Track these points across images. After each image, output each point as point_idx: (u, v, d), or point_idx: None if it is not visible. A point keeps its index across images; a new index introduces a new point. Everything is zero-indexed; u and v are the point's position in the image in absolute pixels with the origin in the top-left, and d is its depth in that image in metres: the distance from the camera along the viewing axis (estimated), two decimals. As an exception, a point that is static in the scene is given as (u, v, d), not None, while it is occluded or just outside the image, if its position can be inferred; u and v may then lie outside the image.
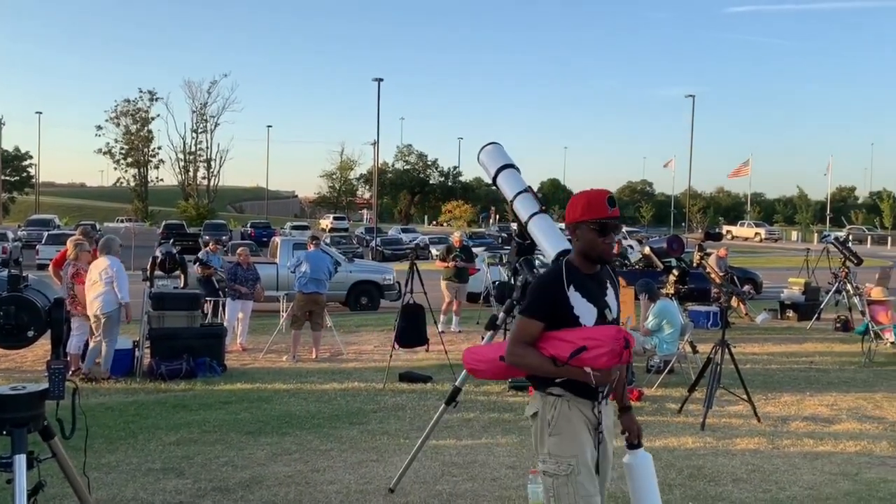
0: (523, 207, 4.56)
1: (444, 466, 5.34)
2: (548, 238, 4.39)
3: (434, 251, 25.99)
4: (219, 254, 12.57)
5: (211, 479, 5.06)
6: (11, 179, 71.28)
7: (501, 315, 4.78)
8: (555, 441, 2.80)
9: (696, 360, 8.37)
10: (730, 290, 13.61)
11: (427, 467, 5.28)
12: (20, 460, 3.03)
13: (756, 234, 60.36)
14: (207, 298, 11.30)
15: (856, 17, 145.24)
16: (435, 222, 77.73)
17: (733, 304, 13.88)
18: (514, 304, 4.68)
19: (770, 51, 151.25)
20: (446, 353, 9.16)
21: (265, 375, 8.77)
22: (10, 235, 33.07)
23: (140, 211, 73.29)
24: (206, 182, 77.39)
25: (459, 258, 12.63)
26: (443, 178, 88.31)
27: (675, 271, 8.85)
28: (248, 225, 51.93)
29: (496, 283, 13.96)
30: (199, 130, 76.42)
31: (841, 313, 13.14)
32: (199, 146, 77.25)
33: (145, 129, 75.52)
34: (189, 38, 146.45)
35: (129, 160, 75.99)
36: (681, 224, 61.44)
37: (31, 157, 72.94)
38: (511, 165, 4.84)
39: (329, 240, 33.02)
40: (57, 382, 3.18)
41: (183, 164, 76.60)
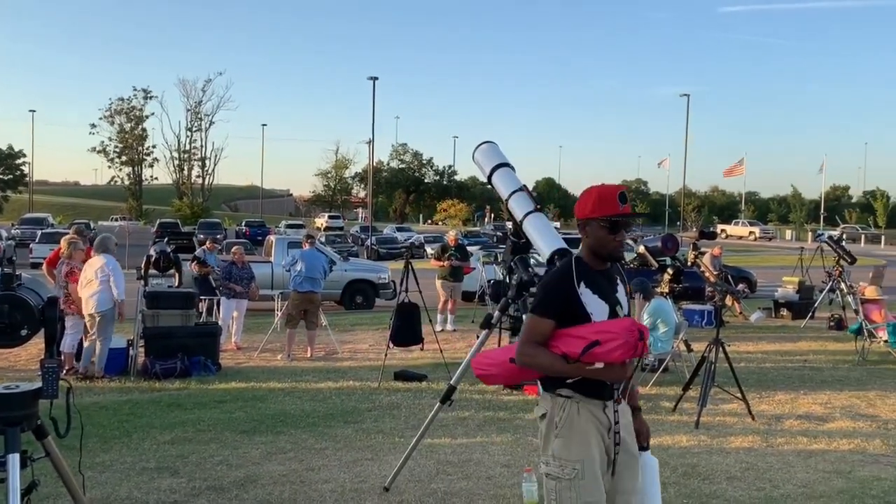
0: (518, 206, 4.57)
1: (438, 465, 5.34)
2: (542, 237, 4.40)
3: (429, 250, 26.01)
4: (215, 252, 12.55)
5: (205, 477, 5.06)
6: (5, 178, 70.91)
7: (496, 314, 4.78)
8: (560, 443, 2.71)
9: (691, 359, 8.39)
10: (724, 289, 13.67)
11: (422, 466, 5.28)
12: (13, 459, 3.03)
13: (750, 232, 60.53)
14: (203, 297, 11.28)
15: (851, 16, 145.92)
16: (430, 221, 77.71)
17: (727, 302, 13.91)
18: (509, 303, 4.68)
19: (764, 50, 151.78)
20: (441, 351, 9.16)
21: (260, 374, 8.76)
22: (4, 234, 32.99)
23: (134, 209, 73.11)
24: (200, 180, 77.21)
25: (455, 257, 12.63)
26: (438, 177, 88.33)
27: (670, 270, 8.86)
28: (243, 224, 51.90)
29: (491, 281, 13.97)
30: (194, 129, 76.27)
31: (835, 312, 13.19)
32: (193, 145, 77.14)
33: (139, 127, 75.32)
34: (183, 36, 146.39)
35: (124, 158, 75.76)
36: (675, 223, 61.53)
37: (24, 156, 72.56)
38: (506, 164, 4.84)
39: (324, 239, 33.01)
40: (51, 381, 3.17)
41: (177, 162, 76.46)
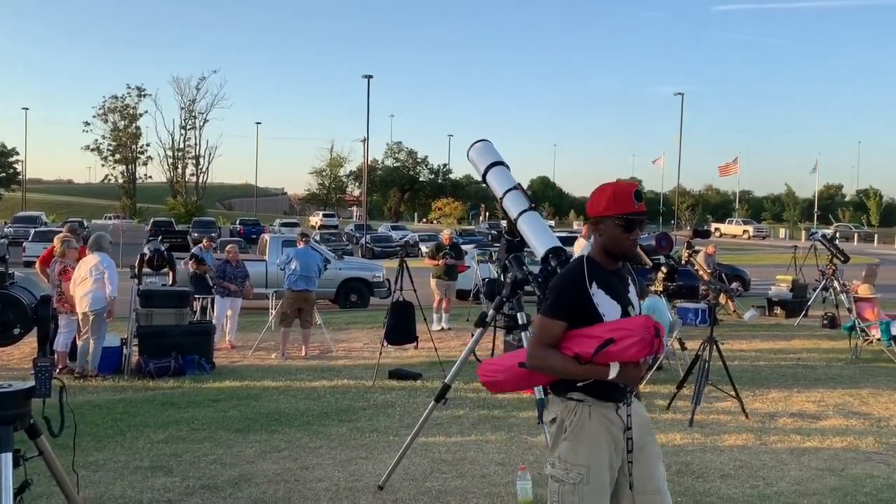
0: (513, 205, 4.57)
1: (433, 463, 5.34)
2: (537, 235, 4.40)
3: (424, 248, 26.01)
4: (210, 251, 12.52)
5: (199, 476, 5.05)
6: (-2, 176, 70.78)
7: (491, 312, 4.78)
8: (568, 446, 2.66)
9: (685, 357, 8.40)
10: (718, 288, 13.71)
11: (416, 464, 5.28)
12: (6, 459, 3.02)
13: (744, 231, 60.74)
14: (198, 296, 11.25)
15: (846, 16, 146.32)
16: (425, 220, 77.68)
17: (721, 301, 13.96)
18: (503, 301, 4.69)
19: (759, 49, 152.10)
20: (436, 350, 9.16)
21: (254, 373, 8.75)
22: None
23: (128, 208, 72.88)
24: (194, 179, 76.97)
25: (449, 255, 12.63)
26: (433, 176, 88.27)
27: (664, 268, 8.87)
28: (237, 222, 51.74)
29: (486, 280, 13.98)
30: (188, 127, 75.97)
31: (828, 310, 13.24)
32: (187, 143, 76.83)
33: (133, 125, 75.03)
34: (177, 34, 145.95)
35: (117, 157, 75.50)
36: (670, 221, 61.66)
37: (17, 154, 72.35)
38: (500, 163, 4.84)
39: (318, 237, 32.96)
40: (43, 380, 3.16)
41: (171, 160, 76.15)
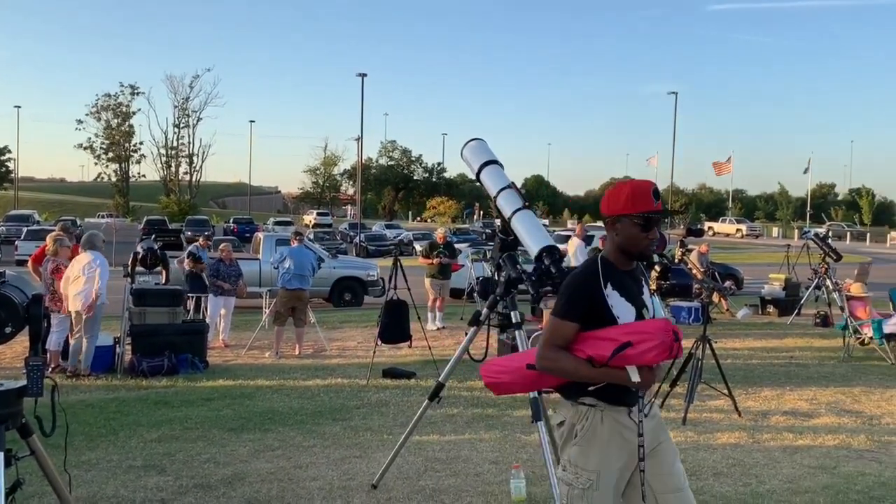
0: (506, 203, 4.58)
1: (427, 462, 5.34)
2: (531, 234, 4.41)
3: (418, 247, 26.02)
4: (207, 250, 12.51)
5: (193, 475, 5.04)
6: (-10, 174, 70.46)
7: (485, 311, 4.78)
8: (578, 451, 2.60)
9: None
10: (711, 286, 13.75)
11: (410, 463, 5.28)
12: (-2, 458, 3.01)
13: (737, 230, 60.89)
14: (192, 294, 11.22)
15: (838, 15, 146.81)
16: (419, 218, 77.66)
17: (714, 299, 13.99)
18: (497, 300, 4.69)
19: (752, 48, 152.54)
20: (430, 348, 9.16)
21: (248, 372, 8.74)
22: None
23: (121, 206, 72.66)
24: (188, 177, 76.79)
25: (443, 254, 12.63)
26: (427, 174, 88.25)
27: (657, 267, 8.89)
28: (231, 221, 51.65)
29: (480, 278, 13.98)
30: (181, 125, 75.81)
31: (820, 309, 13.29)
32: (180, 141, 76.68)
33: (126, 123, 74.78)
34: (170, 32, 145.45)
35: (110, 155, 75.22)
36: (663, 220, 61.78)
37: (9, 152, 72.04)
38: (494, 161, 4.85)
39: (312, 236, 32.93)
40: (35, 379, 3.15)
41: (165, 159, 75.97)
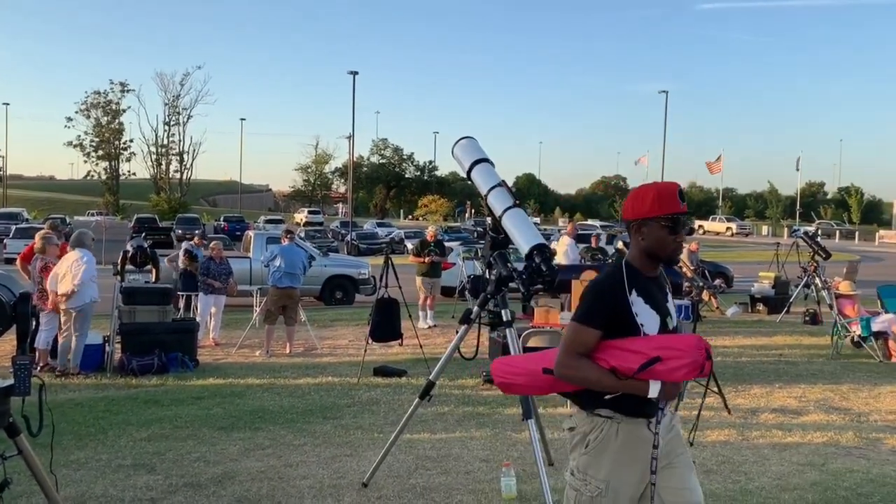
0: (497, 202, 4.59)
1: (417, 460, 5.34)
2: (521, 232, 4.42)
3: (409, 245, 26.01)
4: (201, 248, 12.45)
5: (182, 474, 5.02)
6: (-22, 172, 69.91)
7: (475, 309, 4.78)
8: (588, 460, 2.52)
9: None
10: (701, 284, 13.86)
11: (401, 461, 5.28)
12: (-15, 457, 2.99)
13: (727, 228, 61.17)
14: (186, 293, 11.18)
15: (828, 15, 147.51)
16: (411, 217, 77.64)
17: (704, 297, 14.06)
18: (488, 298, 4.69)
19: (743, 47, 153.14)
20: (421, 347, 9.16)
21: (238, 370, 8.71)
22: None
23: (111, 204, 72.30)
24: (178, 175, 76.48)
25: (434, 252, 12.63)
26: (418, 173, 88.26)
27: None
28: (222, 219, 51.48)
29: (471, 277, 13.98)
30: (172, 123, 75.47)
31: (810, 307, 13.36)
32: (171, 139, 76.37)
33: (116, 121, 74.45)
34: (162, 30, 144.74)
35: (100, 153, 74.86)
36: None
37: (-2, 150, 71.62)
38: (485, 160, 4.85)
39: (304, 234, 32.85)
40: (23, 378, 3.13)
41: (155, 157, 75.64)
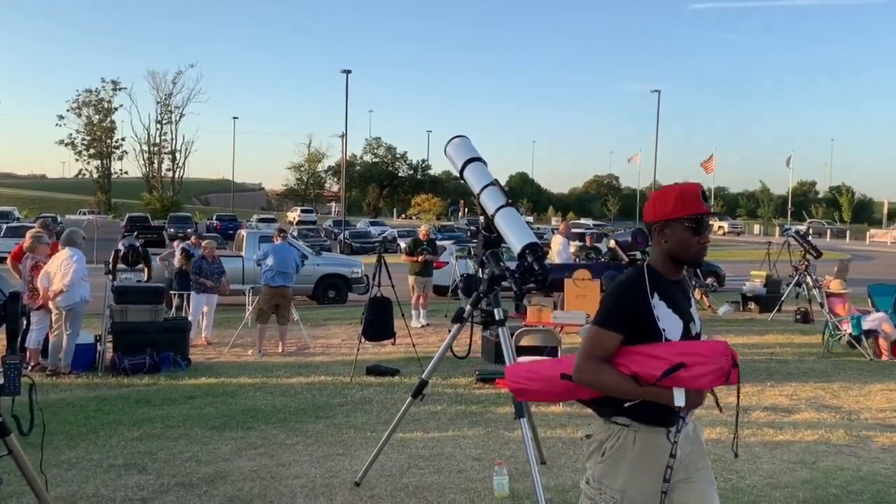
0: (490, 201, 4.59)
1: (410, 459, 5.34)
2: (514, 231, 4.42)
3: (402, 244, 25.98)
4: (198, 248, 12.41)
5: (174, 474, 5.01)
6: (-31, 171, 69.65)
7: (468, 308, 4.78)
8: (604, 469, 2.47)
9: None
10: (693, 283, 13.90)
11: (393, 460, 5.28)
12: (-25, 458, 2.98)
13: (719, 227, 61.33)
14: (182, 292, 11.13)
15: (820, 14, 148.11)
16: (404, 215, 77.61)
17: (696, 296, 14.08)
18: (480, 297, 4.69)
19: (733, 46, 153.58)
20: (414, 346, 9.16)
21: (230, 370, 8.69)
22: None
23: (103, 203, 71.90)
24: (170, 174, 76.14)
25: (427, 251, 12.62)
26: (412, 172, 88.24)
27: (639, 264, 8.94)
28: (214, 217, 51.34)
29: (464, 275, 13.95)
30: (164, 121, 75.12)
31: (801, 305, 13.41)
32: (163, 137, 76.01)
33: (108, 119, 74.03)
34: (154, 27, 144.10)
35: (92, 151, 74.43)
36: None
37: (-12, 148, 71.22)
38: (478, 159, 4.86)
39: (296, 233, 32.80)
40: (12, 378, 3.12)
41: (147, 155, 75.24)
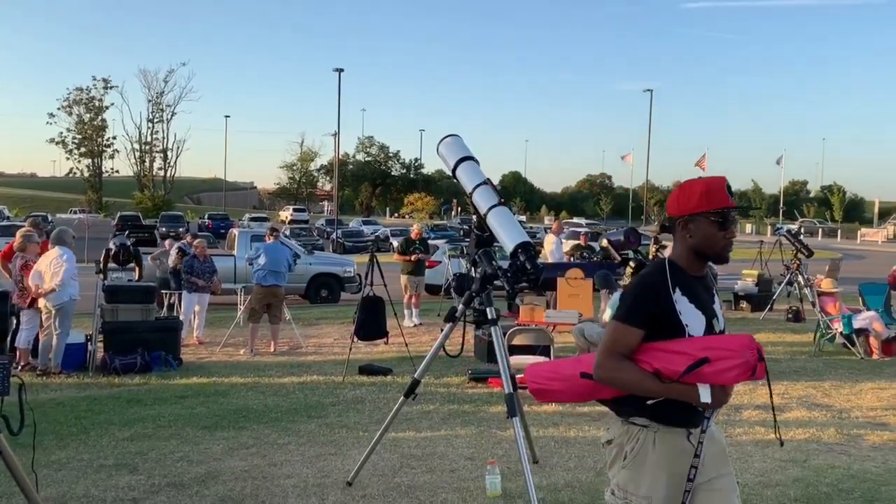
0: (482, 199, 4.59)
1: (402, 459, 5.33)
2: (506, 230, 4.42)
3: (395, 243, 25.96)
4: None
5: (165, 474, 4.98)
6: (-42, 169, 69.26)
7: (460, 307, 4.78)
8: (627, 476, 2.40)
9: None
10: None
11: (386, 460, 5.27)
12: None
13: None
14: (177, 291, 11.09)
15: (811, 14, 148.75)
16: (397, 214, 77.58)
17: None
18: (473, 296, 4.69)
19: (726, 46, 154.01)
20: (406, 345, 9.15)
21: (222, 369, 8.66)
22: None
23: (94, 202, 71.56)
24: (162, 173, 75.92)
25: (419, 250, 12.61)
26: (404, 170, 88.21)
27: (632, 263, 8.97)
28: (206, 217, 51.23)
29: (456, 275, 13.96)
30: (155, 120, 74.89)
31: (792, 304, 13.46)
32: (155, 136, 75.75)
33: (99, 118, 73.68)
34: (145, 26, 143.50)
35: (83, 150, 74.08)
36: (639, 217, 62.25)
37: (-22, 147, 70.78)
38: (470, 157, 4.85)
39: (289, 232, 32.74)
40: (2, 378, 3.10)
41: (138, 154, 74.99)
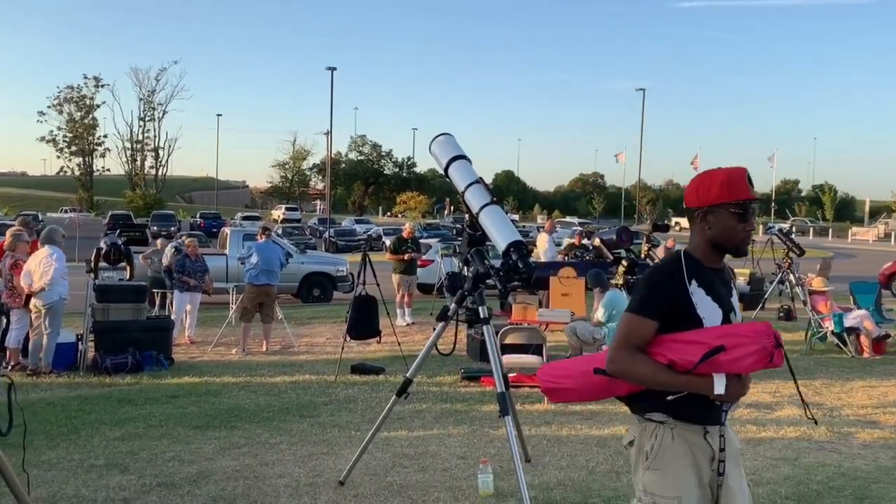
0: (474, 198, 4.59)
1: (395, 458, 5.33)
2: (498, 229, 4.42)
3: (387, 242, 25.95)
4: None
5: (156, 474, 4.96)
6: (-52, 168, 68.84)
7: (453, 306, 4.77)
8: (653, 478, 2.35)
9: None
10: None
11: (378, 459, 5.26)
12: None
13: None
14: (166, 290, 11.05)
15: (805, 13, 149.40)
16: (389, 213, 77.51)
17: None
18: (465, 295, 4.68)
19: (718, 45, 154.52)
20: (399, 344, 9.14)
21: (214, 369, 8.64)
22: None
23: (85, 201, 71.33)
24: (153, 171, 75.76)
25: (411, 249, 12.60)
26: (397, 169, 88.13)
27: (625, 262, 8.97)
28: (198, 215, 51.08)
29: (449, 274, 13.95)
30: (147, 119, 74.79)
31: (784, 303, 13.52)
32: (146, 135, 75.63)
33: (90, 116, 73.42)
34: (136, 24, 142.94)
35: (74, 148, 73.82)
36: (632, 216, 62.40)
37: (-32, 145, 70.41)
38: (463, 156, 4.85)
39: (281, 231, 32.67)
40: (-10, 378, 3.07)
41: (130, 152, 74.89)
